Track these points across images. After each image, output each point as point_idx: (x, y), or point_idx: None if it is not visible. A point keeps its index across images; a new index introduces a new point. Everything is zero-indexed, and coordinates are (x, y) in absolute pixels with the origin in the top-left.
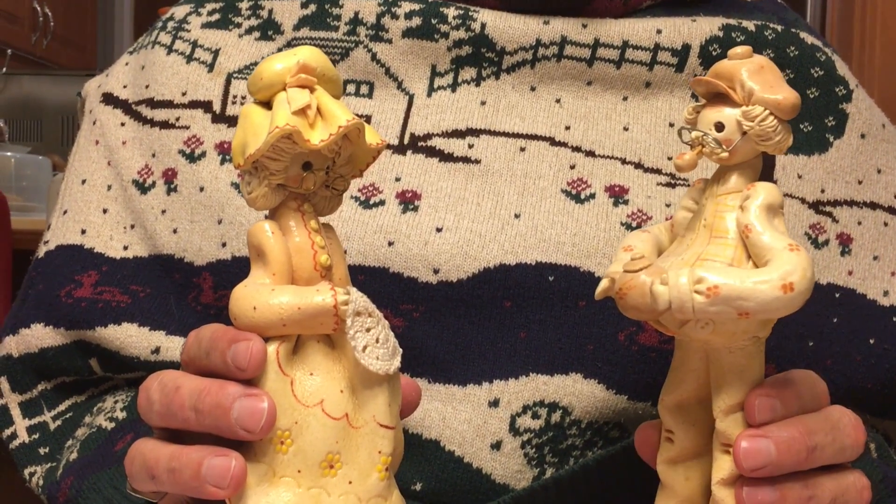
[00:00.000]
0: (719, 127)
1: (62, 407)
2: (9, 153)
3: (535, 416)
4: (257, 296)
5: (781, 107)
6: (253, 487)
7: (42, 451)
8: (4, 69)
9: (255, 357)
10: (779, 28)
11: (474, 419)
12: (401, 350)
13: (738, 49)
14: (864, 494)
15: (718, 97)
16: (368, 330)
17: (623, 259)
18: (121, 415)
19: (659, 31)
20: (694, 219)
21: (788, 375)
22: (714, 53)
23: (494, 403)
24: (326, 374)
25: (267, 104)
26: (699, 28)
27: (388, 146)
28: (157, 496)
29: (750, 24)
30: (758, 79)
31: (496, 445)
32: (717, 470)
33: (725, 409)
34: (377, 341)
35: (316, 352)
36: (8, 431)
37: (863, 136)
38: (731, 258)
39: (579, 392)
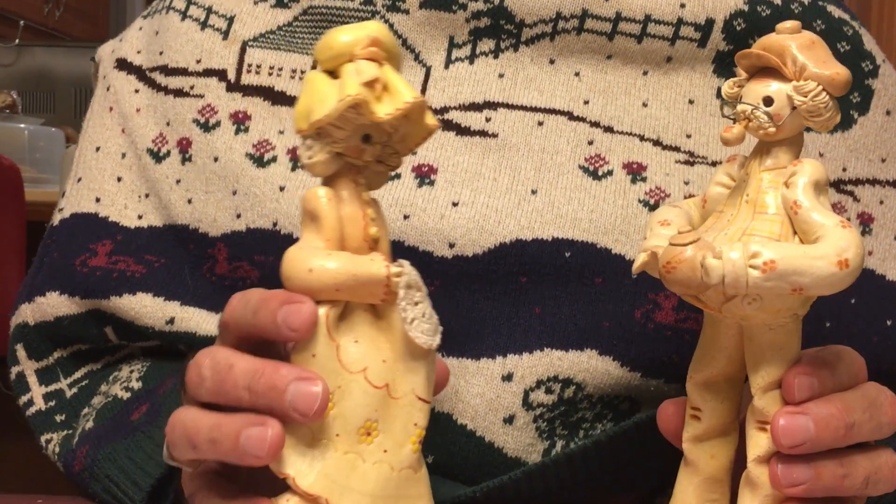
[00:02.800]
0: (768, 101)
1: (78, 374)
2: (22, 125)
3: (549, 391)
4: (314, 258)
5: (835, 82)
6: (292, 448)
7: (58, 418)
8: (17, 41)
9: (307, 319)
10: (805, 1)
11: (487, 393)
12: (441, 327)
13: (787, 23)
14: (895, 473)
15: (763, 71)
16: (417, 304)
17: (660, 233)
18: (136, 385)
19: (682, 5)
20: (734, 194)
21: (825, 351)
22: (738, 28)
23: (508, 378)
24: (371, 343)
25: (331, 74)
26: (724, 2)
27: None
28: (194, 465)
29: None
30: (809, 54)
31: (509, 419)
32: (754, 447)
33: (764, 386)
34: (423, 315)
35: (362, 321)
36: (25, 398)
37: (888, 112)
38: (779, 234)
39: (594, 368)
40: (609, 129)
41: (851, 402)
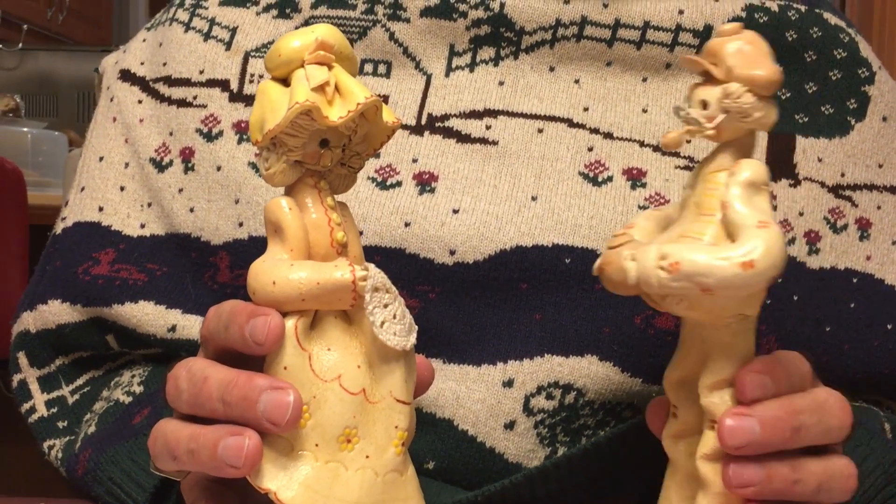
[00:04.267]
0: (704, 105)
1: (80, 381)
2: (25, 129)
3: (550, 396)
4: (276, 271)
5: (757, 82)
6: (272, 462)
7: (60, 424)
8: (20, 45)
9: (272, 332)
10: (802, 9)
11: (488, 399)
12: (416, 327)
13: (727, 26)
14: (850, 482)
15: (710, 75)
16: (386, 306)
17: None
18: (138, 389)
19: (681, 12)
20: (687, 197)
21: (777, 355)
22: None
23: (508, 383)
24: (344, 350)
25: (284, 81)
26: (722, 8)
27: (406, 127)
28: (180, 475)
29: (773, 5)
30: (738, 55)
31: (509, 425)
32: (701, 445)
33: (710, 385)
34: (394, 317)
35: (333, 327)
36: (27, 405)
37: (884, 118)
38: (714, 235)
39: (594, 374)
40: (609, 136)
41: (799, 405)
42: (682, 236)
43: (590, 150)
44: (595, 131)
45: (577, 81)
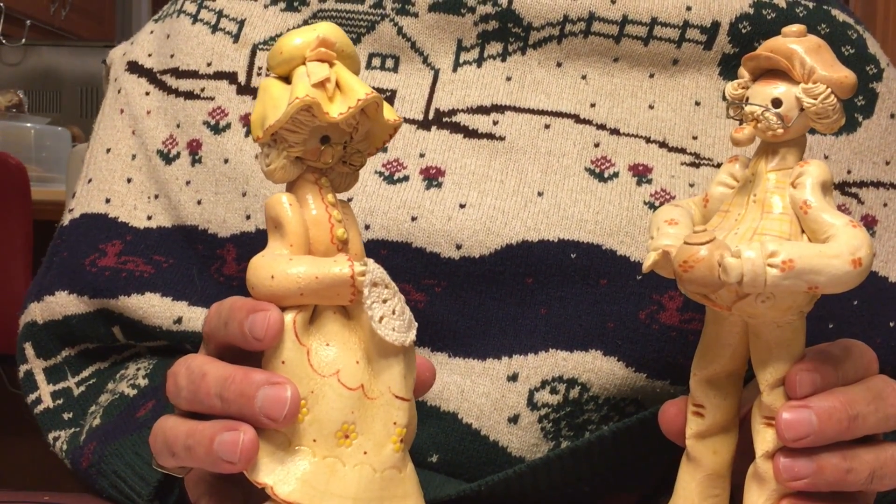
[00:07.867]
0: (776, 103)
1: (86, 373)
2: (28, 124)
3: (554, 391)
4: (275, 265)
5: (844, 85)
6: (269, 456)
7: (66, 416)
8: (24, 40)
9: (272, 327)
10: (810, 5)
11: (492, 393)
12: (416, 323)
13: (793, 27)
14: None
15: (769, 74)
16: (385, 301)
17: (668, 232)
18: (142, 382)
19: (689, 8)
20: (740, 194)
21: (834, 346)
22: (744, 31)
23: (513, 378)
24: (343, 345)
25: (286, 79)
26: (729, 4)
27: (413, 122)
28: (182, 471)
29: (781, 1)
30: (816, 57)
31: (513, 419)
32: (762, 443)
33: (773, 382)
34: (393, 313)
35: (332, 322)
36: (33, 396)
37: (892, 116)
38: (789, 233)
39: (598, 369)
40: (615, 132)
41: (855, 395)
42: (758, 233)
43: (596, 145)
44: (602, 127)
45: (584, 77)
